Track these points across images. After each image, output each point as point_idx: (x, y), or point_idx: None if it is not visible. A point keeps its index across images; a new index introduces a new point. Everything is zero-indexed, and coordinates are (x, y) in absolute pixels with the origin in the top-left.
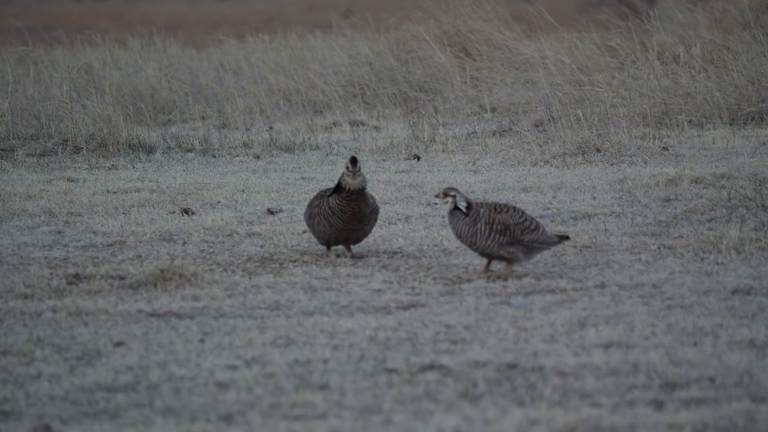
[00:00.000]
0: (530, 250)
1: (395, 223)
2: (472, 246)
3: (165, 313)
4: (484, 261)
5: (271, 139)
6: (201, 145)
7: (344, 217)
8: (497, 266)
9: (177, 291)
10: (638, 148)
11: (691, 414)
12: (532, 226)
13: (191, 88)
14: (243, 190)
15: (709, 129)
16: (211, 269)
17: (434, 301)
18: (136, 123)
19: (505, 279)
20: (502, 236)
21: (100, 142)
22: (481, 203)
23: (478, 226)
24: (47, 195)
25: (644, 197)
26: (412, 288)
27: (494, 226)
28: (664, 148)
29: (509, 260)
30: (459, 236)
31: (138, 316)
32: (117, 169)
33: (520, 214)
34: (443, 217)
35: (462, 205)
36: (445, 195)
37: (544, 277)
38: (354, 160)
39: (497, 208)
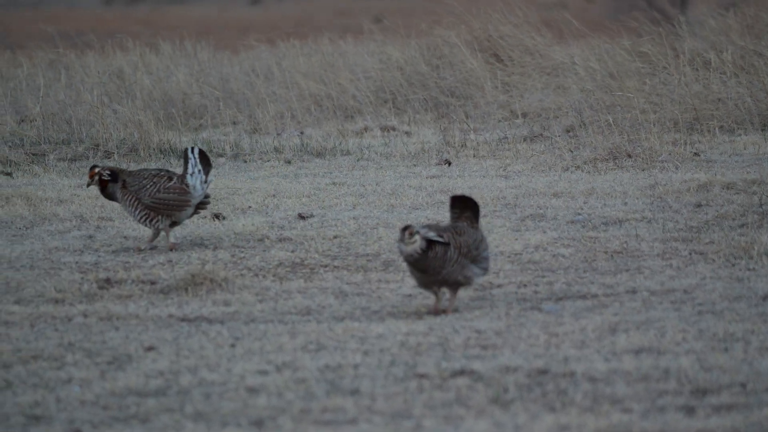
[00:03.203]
0: (479, 266)
1: None
2: (434, 275)
3: (196, 318)
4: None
5: (302, 144)
6: (232, 150)
7: None
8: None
9: (208, 296)
10: (669, 154)
11: (722, 420)
12: (481, 237)
13: (222, 93)
14: (274, 195)
15: (740, 135)
16: (241, 274)
17: (465, 306)
18: (167, 128)
19: (454, 311)
20: (465, 258)
21: (131, 146)
22: (440, 228)
23: (449, 253)
24: (78, 200)
25: (675, 203)
26: (443, 293)
27: (461, 250)
28: (695, 154)
29: (462, 285)
30: (425, 271)
31: (169, 320)
32: None
33: (472, 232)
34: None
35: (432, 235)
36: (411, 234)
37: (575, 282)
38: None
39: (457, 230)
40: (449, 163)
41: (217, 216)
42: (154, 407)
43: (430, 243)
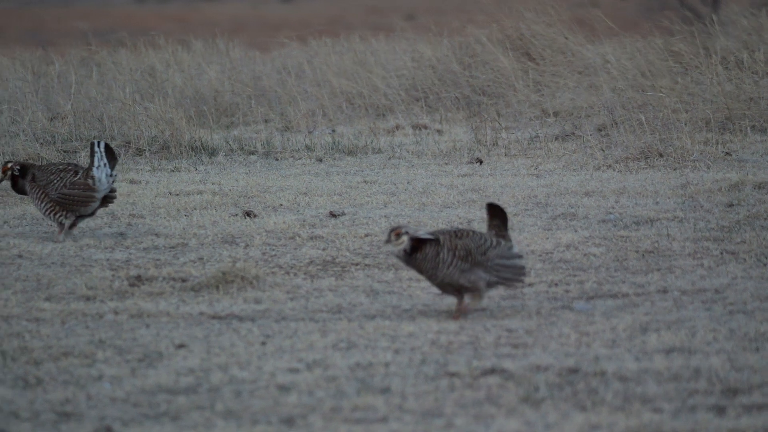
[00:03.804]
0: (493, 274)
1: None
2: (432, 278)
3: (227, 316)
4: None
5: (334, 142)
6: (263, 147)
7: None
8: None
9: (239, 293)
10: (701, 153)
11: (752, 420)
12: (493, 243)
13: (254, 91)
14: (305, 193)
15: None
16: (273, 272)
17: (495, 305)
18: (199, 125)
19: (466, 312)
20: (464, 262)
21: (163, 144)
22: (442, 231)
23: (441, 255)
24: None
25: (707, 202)
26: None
27: (457, 252)
28: (726, 153)
29: (470, 290)
30: (421, 272)
31: (200, 318)
32: (179, 171)
33: (480, 236)
34: None
35: (421, 233)
36: (398, 235)
37: (606, 281)
38: (5, 162)
39: (458, 234)
40: (481, 162)
41: (248, 213)
42: (185, 405)
43: (420, 243)
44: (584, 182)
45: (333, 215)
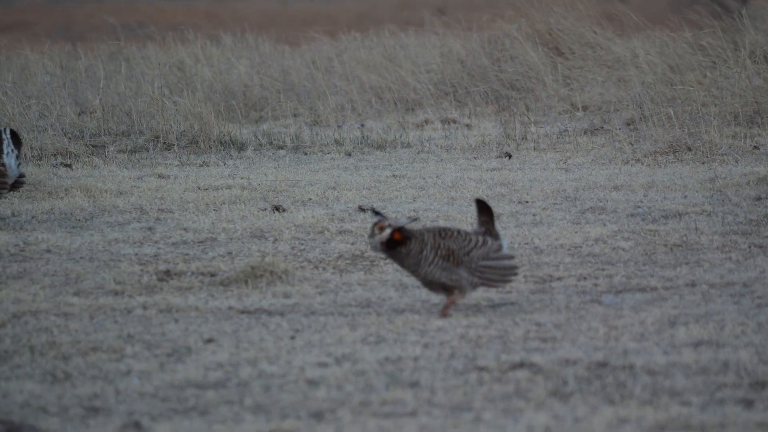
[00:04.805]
0: (476, 275)
1: None
2: (415, 274)
3: (256, 310)
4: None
5: (363, 137)
6: (292, 142)
7: None
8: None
9: (268, 288)
10: (729, 147)
11: None
12: (478, 244)
13: (283, 86)
14: (334, 188)
15: None
16: (302, 266)
17: (525, 299)
18: (228, 120)
19: (444, 315)
20: (446, 261)
21: (192, 138)
22: (425, 229)
23: (424, 252)
24: (138, 191)
25: (735, 196)
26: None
27: (439, 251)
28: (755, 147)
29: (454, 288)
30: (403, 265)
31: (228, 313)
32: (208, 165)
33: (465, 237)
34: (534, 215)
35: (403, 222)
36: (381, 229)
37: (635, 275)
38: None
39: (442, 233)
40: (510, 156)
41: (277, 208)
42: (214, 399)
43: (404, 238)
44: (613, 176)
45: (362, 209)
